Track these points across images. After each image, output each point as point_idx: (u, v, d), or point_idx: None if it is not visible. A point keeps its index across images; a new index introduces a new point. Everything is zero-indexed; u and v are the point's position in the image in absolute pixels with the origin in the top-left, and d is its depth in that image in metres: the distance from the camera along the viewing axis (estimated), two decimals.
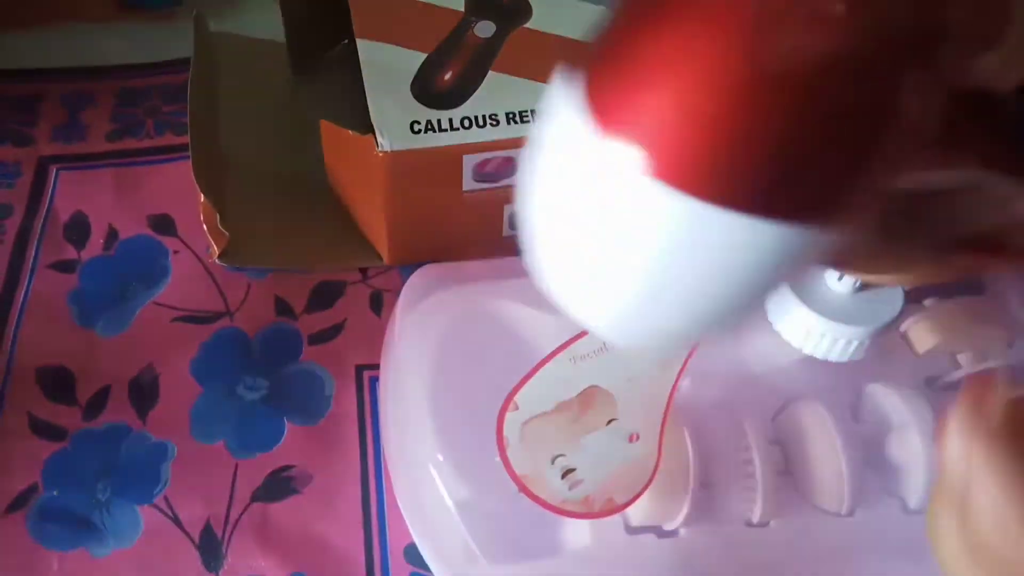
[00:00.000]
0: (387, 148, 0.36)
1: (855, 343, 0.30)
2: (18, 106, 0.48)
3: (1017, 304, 0.36)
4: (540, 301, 0.34)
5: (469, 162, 0.37)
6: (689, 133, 0.15)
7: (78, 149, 0.46)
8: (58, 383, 0.38)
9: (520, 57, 0.39)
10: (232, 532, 0.34)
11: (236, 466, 0.36)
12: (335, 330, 0.40)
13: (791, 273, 0.17)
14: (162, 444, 0.37)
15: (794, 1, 0.14)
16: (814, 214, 0.16)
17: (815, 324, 0.30)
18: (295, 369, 0.39)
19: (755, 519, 0.31)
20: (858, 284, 0.30)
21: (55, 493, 0.35)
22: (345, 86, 0.45)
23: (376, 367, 0.38)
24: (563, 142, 0.17)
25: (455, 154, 0.37)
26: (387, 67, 0.38)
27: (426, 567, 0.33)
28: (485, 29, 0.40)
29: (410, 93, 0.37)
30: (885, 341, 0.30)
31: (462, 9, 0.41)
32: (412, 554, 0.34)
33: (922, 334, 0.35)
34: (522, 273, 0.37)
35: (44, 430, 0.37)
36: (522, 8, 0.41)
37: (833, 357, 0.30)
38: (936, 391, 0.34)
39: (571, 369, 0.32)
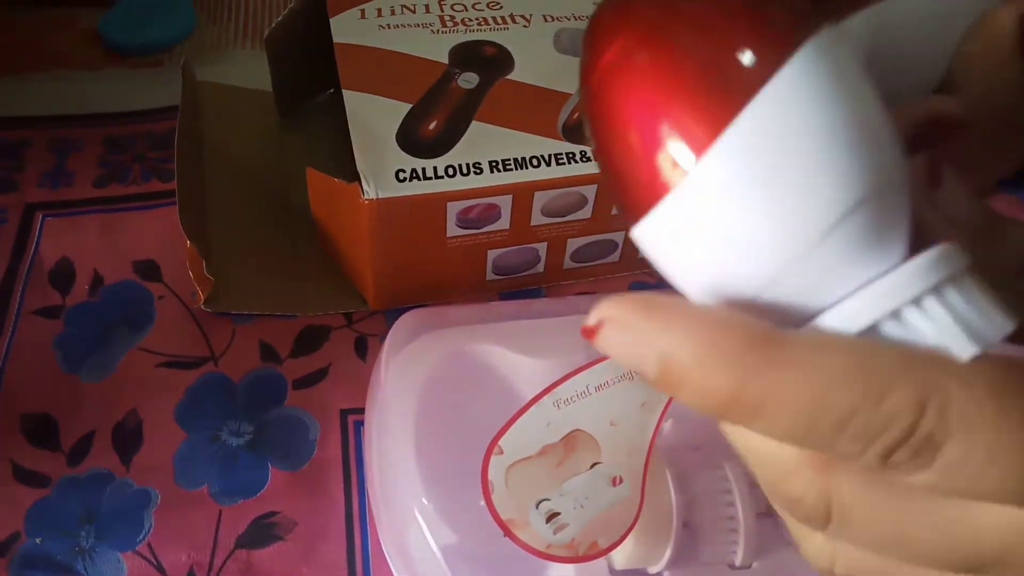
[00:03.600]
0: (373, 196, 0.36)
1: None
2: (5, 152, 0.48)
3: None
4: (524, 345, 0.35)
5: (453, 209, 0.38)
6: None
7: (64, 195, 0.46)
8: (42, 429, 0.38)
9: (502, 108, 0.40)
10: None
11: (220, 512, 0.36)
12: (320, 375, 0.40)
13: None
14: (145, 491, 0.36)
15: None
16: None
17: None
18: (280, 414, 0.39)
19: (737, 562, 0.31)
20: None
21: (38, 541, 0.35)
22: (331, 133, 0.46)
23: (361, 411, 0.38)
24: None
25: (439, 201, 0.37)
26: (373, 117, 0.39)
27: None
28: (468, 80, 0.41)
29: (395, 142, 0.38)
30: None
31: (446, 61, 0.42)
32: None
33: None
34: (506, 317, 0.38)
35: (27, 477, 0.36)
36: (504, 60, 0.42)
37: None
38: None
39: (555, 413, 0.32)
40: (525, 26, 0.44)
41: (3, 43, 0.54)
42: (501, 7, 0.45)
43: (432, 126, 0.39)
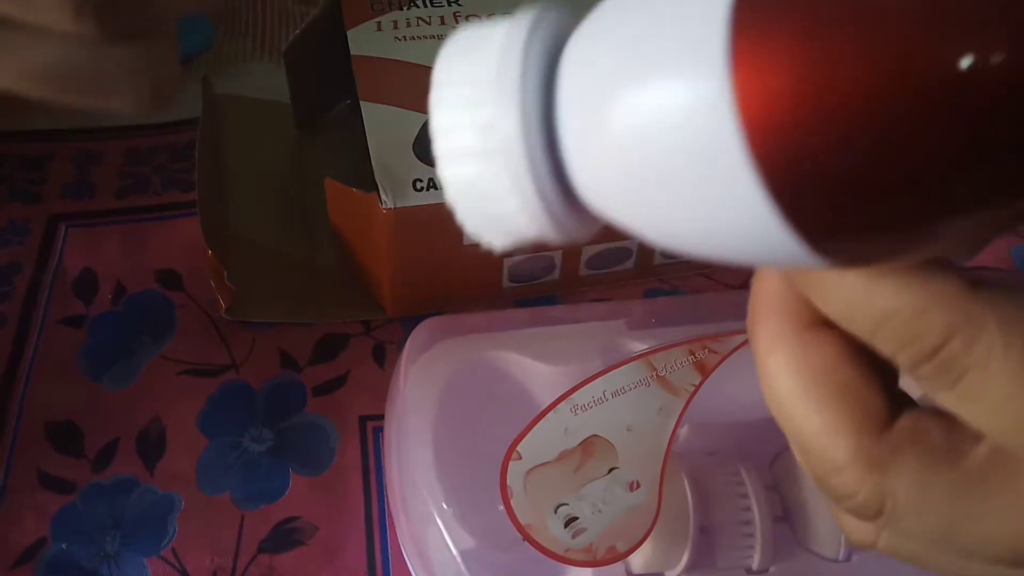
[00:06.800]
0: (390, 205, 0.37)
1: None
2: (28, 165, 0.49)
3: None
4: (541, 352, 0.36)
5: None
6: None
7: (87, 207, 0.47)
8: (67, 437, 0.38)
9: None
10: None
11: (242, 518, 0.37)
12: (339, 382, 0.41)
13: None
14: (169, 496, 0.37)
15: None
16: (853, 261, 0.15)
17: None
18: (300, 421, 0.40)
19: (754, 566, 0.31)
20: None
21: (64, 547, 0.35)
22: (348, 144, 0.46)
23: (380, 418, 0.38)
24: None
25: None
26: (390, 128, 0.40)
27: None
28: None
29: (412, 152, 0.39)
30: None
31: None
32: None
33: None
34: (522, 324, 0.38)
35: (53, 484, 0.37)
36: None
37: None
38: None
39: (572, 419, 0.33)
40: None
41: None
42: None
43: None
